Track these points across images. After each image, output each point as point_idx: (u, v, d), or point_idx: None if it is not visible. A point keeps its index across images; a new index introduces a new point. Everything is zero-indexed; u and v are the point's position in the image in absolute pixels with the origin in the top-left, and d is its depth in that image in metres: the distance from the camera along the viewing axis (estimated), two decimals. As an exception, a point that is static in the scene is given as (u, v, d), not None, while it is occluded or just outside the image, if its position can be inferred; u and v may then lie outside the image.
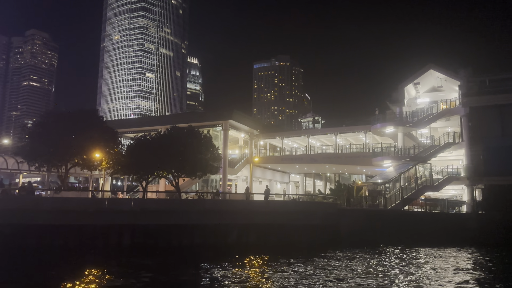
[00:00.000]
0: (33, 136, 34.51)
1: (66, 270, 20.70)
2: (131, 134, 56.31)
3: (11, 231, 24.55)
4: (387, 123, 45.72)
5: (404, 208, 38.37)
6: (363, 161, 50.50)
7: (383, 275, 21.24)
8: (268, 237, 30.13)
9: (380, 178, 41.22)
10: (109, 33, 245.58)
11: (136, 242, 27.28)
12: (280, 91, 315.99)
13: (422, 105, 49.06)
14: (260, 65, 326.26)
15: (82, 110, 37.78)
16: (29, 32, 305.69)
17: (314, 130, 62.45)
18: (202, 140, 37.53)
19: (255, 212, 30.86)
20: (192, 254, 26.57)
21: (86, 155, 34.96)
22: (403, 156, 43.11)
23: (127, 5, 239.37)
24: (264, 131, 64.08)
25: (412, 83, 48.58)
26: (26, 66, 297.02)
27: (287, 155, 59.78)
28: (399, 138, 45.56)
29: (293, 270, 21.79)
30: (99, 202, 29.39)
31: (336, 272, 21.62)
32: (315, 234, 31.32)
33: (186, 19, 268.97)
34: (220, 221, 29.66)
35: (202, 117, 61.39)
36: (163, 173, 37.09)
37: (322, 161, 55.25)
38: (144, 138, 37.45)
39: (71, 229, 26.00)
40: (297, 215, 31.56)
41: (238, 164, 58.98)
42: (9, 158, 42.71)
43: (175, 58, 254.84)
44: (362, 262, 25.12)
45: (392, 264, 24.74)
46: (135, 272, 20.60)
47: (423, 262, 25.63)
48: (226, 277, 20.04)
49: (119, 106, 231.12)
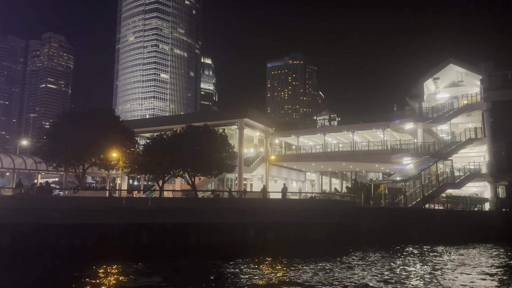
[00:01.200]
0: (51, 137, 34.71)
1: (85, 269, 20.61)
2: (147, 134, 56.49)
3: (30, 230, 24.62)
4: (407, 119, 44.77)
5: (424, 206, 37.56)
6: (382, 159, 49.59)
7: (407, 274, 20.59)
8: (286, 236, 29.68)
9: (400, 176, 40.36)
10: (124, 34, 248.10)
11: (154, 241, 27.12)
12: (293, 89, 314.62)
13: (441, 100, 47.96)
14: (273, 64, 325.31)
15: (98, 109, 37.82)
16: (46, 35, 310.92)
17: (330, 128, 61.55)
18: (218, 139, 37.31)
19: (272, 211, 30.43)
20: (209, 253, 26.29)
21: (103, 154, 35.01)
22: (423, 153, 42.15)
23: (141, 6, 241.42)
24: (279, 129, 63.58)
25: (432, 78, 47.52)
26: (43, 68, 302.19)
27: (303, 153, 59.14)
28: (419, 134, 44.58)
29: (313, 269, 21.30)
30: (117, 201, 29.35)
31: (358, 271, 21.05)
32: (334, 233, 30.70)
33: (199, 19, 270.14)
34: (238, 220, 29.32)
35: (217, 116, 61.23)
36: (179, 172, 36.97)
37: (339, 159, 54.44)
38: (160, 138, 37.39)
39: (89, 228, 25.97)
40: (316, 214, 31.02)
41: (253, 162, 58.63)
42: (27, 158, 43.20)
43: (189, 58, 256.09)
44: (383, 261, 24.47)
45: (416, 263, 24.04)
46: (153, 271, 20.41)
47: (446, 261, 24.85)
48: (244, 276, 19.68)
49: (135, 107, 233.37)
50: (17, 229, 24.39)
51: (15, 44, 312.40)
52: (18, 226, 24.45)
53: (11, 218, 24.52)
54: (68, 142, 32.72)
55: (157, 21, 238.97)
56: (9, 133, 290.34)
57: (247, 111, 54.89)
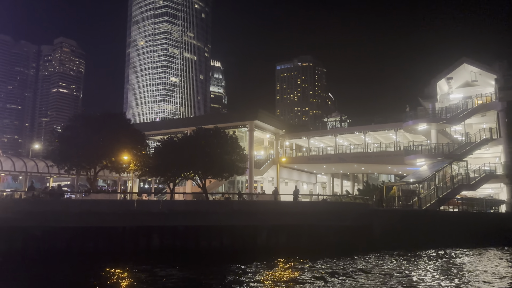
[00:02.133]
0: (62, 140, 34.80)
1: (97, 273, 20.49)
2: (158, 137, 56.59)
3: (42, 233, 24.63)
4: (420, 119, 44.09)
5: (439, 208, 36.92)
6: (394, 160, 48.92)
7: (422, 278, 20.08)
8: (299, 239, 29.27)
9: (413, 177, 39.72)
10: (134, 38, 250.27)
11: (165, 243, 26.95)
12: (303, 91, 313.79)
13: (455, 101, 47.21)
14: (282, 66, 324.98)
15: (109, 113, 37.90)
16: (58, 40, 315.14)
17: (341, 129, 60.96)
18: (228, 141, 37.05)
19: (284, 213, 30.08)
20: (221, 256, 26.03)
21: (114, 157, 34.98)
22: (437, 154, 41.47)
23: (151, 10, 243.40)
24: (289, 131, 63.23)
25: (445, 78, 46.82)
26: (55, 73, 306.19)
27: (314, 155, 58.68)
28: (432, 135, 43.89)
29: (326, 273, 20.89)
30: (128, 204, 29.31)
31: (373, 276, 20.59)
32: (347, 236, 30.22)
33: (208, 23, 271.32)
34: (249, 222, 29.01)
35: (227, 118, 61.09)
36: (190, 175, 36.82)
37: (351, 161, 53.88)
38: (170, 140, 37.29)
39: (100, 231, 25.89)
40: (328, 216, 30.58)
41: (264, 165, 58.35)
42: (39, 161, 43.48)
43: (199, 62, 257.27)
44: (398, 264, 23.96)
45: (431, 267, 23.48)
46: (164, 275, 20.21)
47: (462, 264, 24.24)
48: (257, 280, 19.36)
49: (145, 110, 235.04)
50: (29, 232, 24.43)
51: (28, 50, 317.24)
52: (30, 229, 24.48)
53: (23, 221, 24.56)
54: (80, 145, 32.76)
55: (167, 25, 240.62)
56: (21, 137, 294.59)
57: (258, 113, 54.65)
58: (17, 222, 24.42)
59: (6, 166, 40.66)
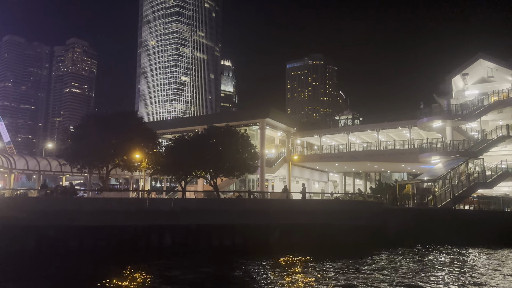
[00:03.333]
0: (75, 139, 34.93)
1: (109, 271, 20.41)
2: (169, 135, 56.59)
3: (55, 232, 24.67)
4: (434, 116, 43.25)
5: (455, 207, 36.18)
6: (408, 158, 48.17)
7: (439, 278, 19.58)
8: (312, 238, 28.87)
9: (428, 175, 39.03)
10: (145, 38, 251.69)
11: (177, 242, 26.81)
12: (313, 90, 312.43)
13: (470, 97, 46.29)
14: (293, 64, 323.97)
15: (121, 112, 37.97)
16: (70, 41, 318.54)
17: (354, 127, 60.22)
18: (240, 139, 36.82)
19: (297, 212, 29.73)
20: (233, 255, 25.78)
21: (126, 156, 35.00)
22: (452, 151, 40.70)
23: (162, 10, 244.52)
24: (301, 129, 62.76)
25: (460, 74, 45.91)
26: (67, 73, 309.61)
27: (326, 153, 58.11)
28: (448, 132, 43.06)
29: (341, 273, 20.51)
30: (140, 202, 29.22)
31: (388, 276, 20.14)
32: (360, 235, 29.79)
33: (219, 22, 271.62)
34: (261, 221, 28.74)
35: (238, 116, 60.84)
36: (201, 173, 36.68)
37: (364, 159, 53.21)
38: (182, 139, 37.20)
39: (113, 230, 25.86)
40: (341, 215, 30.13)
41: (275, 163, 58.00)
42: (52, 160, 43.76)
43: (209, 61, 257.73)
44: (414, 264, 23.44)
45: (447, 266, 22.92)
46: (177, 273, 20.04)
47: (480, 264, 23.62)
48: (269, 279, 19.07)
49: (156, 110, 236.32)
50: (42, 231, 24.49)
51: (41, 51, 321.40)
52: (43, 228, 24.54)
53: (36, 220, 24.63)
54: (92, 144, 32.81)
55: (177, 24, 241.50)
56: (35, 137, 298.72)
57: (269, 111, 54.33)
58: (30, 221, 24.50)
59: (19, 165, 41.02)
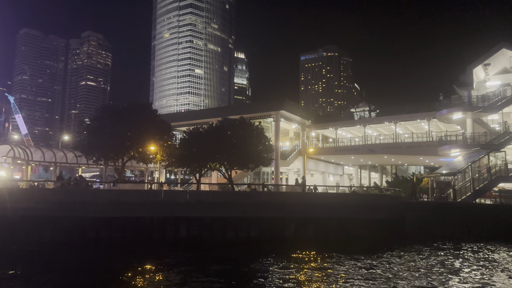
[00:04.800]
0: (90, 131, 35.01)
1: (125, 263, 20.33)
2: (183, 128, 56.42)
3: (71, 223, 24.75)
4: (455, 108, 42.04)
5: (475, 201, 35.22)
6: (427, 151, 47.10)
7: (459, 275, 18.94)
8: (328, 232, 28.47)
9: (448, 169, 38.05)
10: (159, 31, 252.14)
11: (192, 234, 26.72)
12: (328, 82, 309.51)
13: (492, 88, 44.80)
14: (306, 56, 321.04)
15: (136, 103, 37.82)
16: (85, 34, 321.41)
17: (371, 119, 59.11)
18: (254, 132, 36.45)
19: (312, 205, 29.29)
20: (249, 247, 25.55)
21: (141, 148, 34.95)
22: (472, 144, 39.58)
23: (176, 2, 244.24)
24: (316, 121, 61.94)
25: (482, 64, 44.45)
26: (83, 66, 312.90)
27: (342, 145, 57.27)
28: (468, 124, 41.86)
29: (358, 270, 20.02)
30: (155, 194, 29.14)
31: (407, 272, 19.59)
32: (378, 229, 29.22)
33: (232, 14, 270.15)
34: (276, 214, 28.46)
35: (252, 109, 60.28)
36: (215, 165, 36.46)
37: (381, 152, 52.25)
38: (196, 131, 37.00)
39: (128, 221, 25.86)
40: (359, 209, 29.58)
41: (290, 156, 57.46)
42: (68, 152, 44.04)
43: (223, 53, 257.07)
44: (433, 260, 22.81)
45: (468, 263, 22.22)
46: (192, 265, 19.84)
47: (503, 261, 22.84)
48: (284, 273, 18.70)
49: (170, 102, 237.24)
50: (58, 222, 24.60)
51: (57, 44, 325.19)
52: (59, 219, 24.64)
53: (52, 211, 24.76)
54: (107, 135, 32.82)
55: (191, 17, 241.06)
56: (52, 129, 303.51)
57: (284, 103, 53.69)
58: (46, 212, 24.62)
59: (36, 157, 41.39)
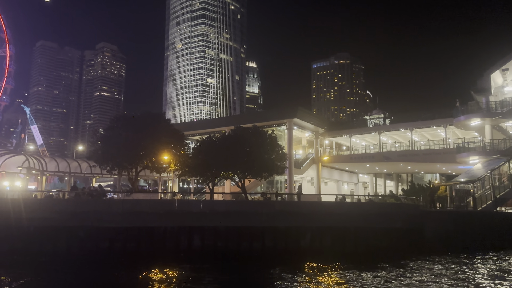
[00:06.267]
0: (104, 140, 35.06)
1: (139, 273, 20.04)
2: (196, 137, 56.39)
3: (85, 233, 24.60)
4: (473, 114, 41.14)
5: (496, 209, 34.20)
6: (444, 158, 46.12)
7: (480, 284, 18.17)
8: (344, 242, 27.78)
9: (466, 176, 37.10)
10: (172, 42, 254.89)
11: (206, 244, 26.32)
12: (340, 90, 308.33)
13: (510, 94, 43.88)
14: (318, 64, 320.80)
15: (149, 113, 37.87)
16: (99, 45, 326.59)
17: (386, 126, 58.22)
18: (267, 140, 36.15)
19: (328, 214, 28.66)
20: (264, 258, 25.05)
21: (154, 157, 34.86)
22: (492, 151, 38.66)
23: (188, 13, 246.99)
24: (330, 129, 61.34)
25: (500, 69, 43.55)
26: (97, 77, 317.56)
27: (357, 153, 56.50)
28: (487, 131, 40.90)
29: (377, 283, 19.37)
30: (169, 204, 28.91)
31: (431, 282, 18.86)
32: (396, 239, 28.43)
33: (244, 24, 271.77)
34: (291, 224, 27.89)
35: (265, 117, 59.96)
36: (229, 174, 36.17)
37: (397, 160, 51.33)
38: (209, 140, 36.84)
39: (142, 231, 25.62)
40: (376, 218, 28.86)
41: (303, 164, 56.90)
42: (82, 162, 44.25)
43: (234, 62, 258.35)
44: (456, 269, 21.99)
45: (490, 274, 21.36)
46: (207, 277, 19.45)
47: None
48: (301, 284, 18.17)
49: (183, 112, 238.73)
50: (72, 232, 24.47)
51: (72, 55, 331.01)
52: (73, 229, 24.53)
53: (66, 222, 24.66)
54: (121, 145, 32.80)
55: (203, 27, 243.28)
56: (67, 139, 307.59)
57: (297, 110, 53.33)
58: (61, 222, 24.52)
59: (50, 167, 41.63)
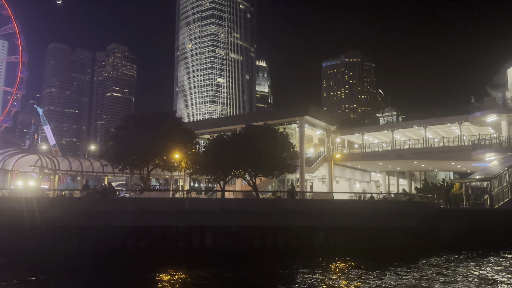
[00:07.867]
0: (116, 140, 35.14)
1: (152, 272, 19.92)
2: (207, 135, 56.34)
3: (97, 233, 24.59)
4: (489, 110, 40.29)
5: (514, 207, 33.32)
6: (459, 156, 45.30)
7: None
8: (358, 241, 27.33)
9: (482, 174, 36.28)
10: (182, 42, 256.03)
11: (219, 243, 26.13)
12: (351, 88, 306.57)
13: (527, 89, 42.82)
14: (329, 63, 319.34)
15: (160, 112, 37.96)
16: (111, 47, 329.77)
17: (399, 124, 57.38)
18: (279, 138, 35.86)
19: (342, 213, 28.25)
20: (276, 257, 24.77)
21: (166, 156, 34.85)
22: (508, 148, 37.83)
23: (198, 13, 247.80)
24: (341, 127, 60.76)
25: (517, 64, 42.57)
26: (109, 78, 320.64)
27: (369, 151, 55.87)
28: (503, 127, 40.03)
29: (398, 277, 18.93)
30: (181, 202, 28.78)
31: (449, 284, 18.37)
32: (411, 238, 27.92)
33: (254, 23, 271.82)
34: (304, 223, 27.55)
35: (276, 115, 59.65)
36: (240, 173, 35.97)
37: (410, 157, 50.59)
38: (220, 138, 36.69)
39: (154, 230, 25.53)
40: (391, 217, 28.37)
41: (314, 163, 56.46)
42: (94, 161, 44.53)
43: (244, 62, 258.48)
44: (474, 270, 21.44)
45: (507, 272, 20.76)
46: (220, 276, 19.24)
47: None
48: (314, 284, 17.84)
49: (194, 112, 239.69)
50: (84, 231, 24.48)
51: (83, 57, 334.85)
52: (85, 229, 24.53)
53: (79, 221, 24.67)
54: (133, 144, 32.84)
55: (213, 27, 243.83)
56: (79, 140, 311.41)
57: (308, 108, 52.91)
58: (73, 222, 24.56)
59: (63, 166, 41.96)
